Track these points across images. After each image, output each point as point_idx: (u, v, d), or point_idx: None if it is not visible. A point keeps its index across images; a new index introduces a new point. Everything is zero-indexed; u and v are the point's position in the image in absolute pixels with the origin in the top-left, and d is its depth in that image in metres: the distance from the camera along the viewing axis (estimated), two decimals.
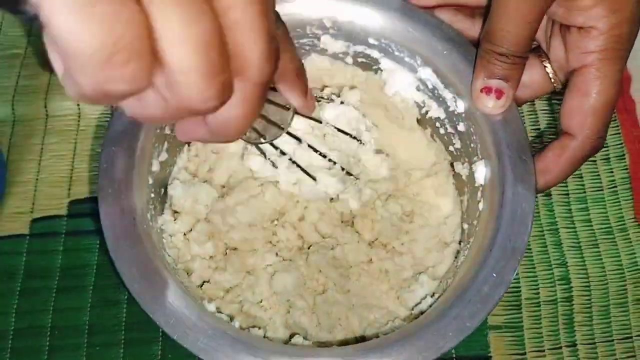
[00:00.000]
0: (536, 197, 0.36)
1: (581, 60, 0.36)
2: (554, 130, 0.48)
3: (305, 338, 0.38)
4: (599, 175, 0.47)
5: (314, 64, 0.43)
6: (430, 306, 0.37)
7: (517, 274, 0.43)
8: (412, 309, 0.40)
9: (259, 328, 0.39)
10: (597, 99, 0.36)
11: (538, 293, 0.43)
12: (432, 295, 0.39)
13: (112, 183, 0.36)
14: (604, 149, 0.48)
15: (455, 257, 0.40)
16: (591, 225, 0.45)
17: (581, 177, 0.47)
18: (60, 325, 0.42)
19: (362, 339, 0.39)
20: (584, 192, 0.46)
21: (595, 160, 0.47)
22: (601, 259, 0.44)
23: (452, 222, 0.42)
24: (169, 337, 0.41)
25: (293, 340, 0.38)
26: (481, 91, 0.38)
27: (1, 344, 0.42)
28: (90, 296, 0.43)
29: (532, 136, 0.48)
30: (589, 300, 0.43)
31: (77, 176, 0.46)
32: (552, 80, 0.39)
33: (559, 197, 0.46)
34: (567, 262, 0.44)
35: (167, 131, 0.40)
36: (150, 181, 0.39)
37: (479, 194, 0.39)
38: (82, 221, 0.45)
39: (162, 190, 0.41)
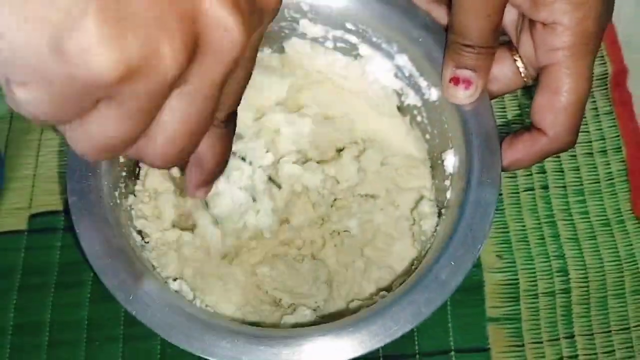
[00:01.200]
0: (500, 191, 0.37)
1: (549, 57, 0.36)
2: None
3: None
4: (596, 167, 0.47)
5: (294, 48, 0.44)
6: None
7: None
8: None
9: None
10: (567, 97, 0.36)
11: (536, 285, 0.43)
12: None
13: (80, 160, 0.36)
14: (600, 141, 0.48)
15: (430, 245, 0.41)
16: (589, 218, 0.45)
17: (578, 170, 0.47)
18: (59, 321, 0.42)
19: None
20: (581, 185, 0.47)
21: (592, 153, 0.48)
22: (599, 251, 0.44)
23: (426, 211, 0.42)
24: None
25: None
26: (450, 81, 0.38)
27: (1, 341, 0.42)
28: (90, 291, 0.43)
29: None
30: (587, 292, 0.43)
31: None
32: (523, 75, 0.39)
33: (556, 190, 0.46)
34: (565, 254, 0.44)
35: None
36: (122, 159, 0.39)
37: (447, 182, 0.39)
38: None
39: (137, 169, 0.41)
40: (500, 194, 0.46)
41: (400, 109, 0.44)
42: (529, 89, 0.38)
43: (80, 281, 0.43)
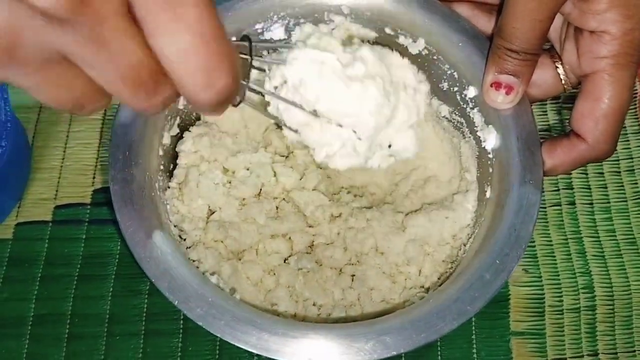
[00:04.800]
0: (542, 191, 0.37)
1: (593, 65, 0.36)
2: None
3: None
4: (623, 186, 0.47)
5: None
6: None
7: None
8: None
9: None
10: (609, 104, 0.36)
11: (561, 300, 0.43)
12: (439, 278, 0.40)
13: (123, 148, 0.37)
14: (628, 160, 0.48)
15: (464, 244, 0.40)
16: (615, 236, 0.45)
17: (605, 188, 0.47)
18: (80, 313, 0.42)
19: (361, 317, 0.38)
20: (608, 203, 0.46)
21: (619, 172, 0.47)
22: (625, 269, 0.44)
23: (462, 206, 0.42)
24: (190, 329, 0.41)
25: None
26: (491, 85, 0.38)
27: (20, 330, 0.41)
28: (112, 285, 0.43)
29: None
30: (612, 309, 0.43)
31: (102, 165, 0.46)
32: (563, 81, 0.39)
33: (583, 207, 0.46)
34: (590, 271, 0.44)
35: (180, 106, 0.41)
36: (161, 152, 0.39)
37: (487, 182, 0.40)
38: (105, 210, 0.45)
39: (171, 165, 0.42)
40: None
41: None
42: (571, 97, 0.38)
43: (103, 275, 0.43)
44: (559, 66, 0.39)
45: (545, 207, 0.46)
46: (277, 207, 0.42)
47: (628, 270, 0.44)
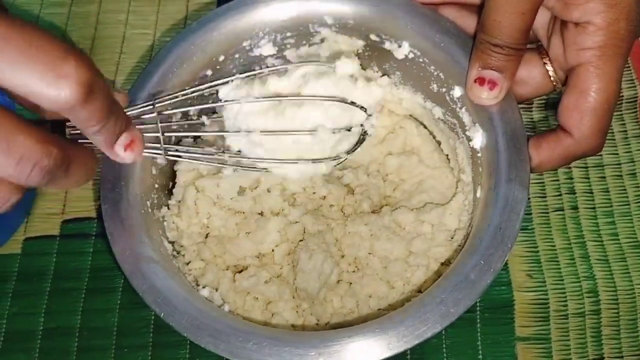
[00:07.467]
0: (529, 186, 0.36)
1: (579, 57, 0.35)
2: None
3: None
4: (625, 189, 0.47)
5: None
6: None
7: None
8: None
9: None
10: (595, 97, 0.35)
11: (566, 305, 0.43)
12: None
13: (114, 168, 0.37)
14: (629, 164, 0.48)
15: (459, 246, 0.40)
16: (618, 239, 0.45)
17: (608, 191, 0.47)
18: (89, 327, 0.42)
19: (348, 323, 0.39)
20: (611, 207, 0.46)
21: (621, 175, 0.48)
22: (629, 273, 0.44)
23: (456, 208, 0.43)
24: None
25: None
26: (475, 81, 0.37)
27: (30, 344, 0.42)
28: (119, 298, 0.43)
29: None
30: (617, 313, 0.43)
31: None
32: (552, 79, 0.38)
33: (586, 211, 0.46)
34: (595, 275, 0.44)
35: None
36: (154, 172, 0.40)
37: (478, 182, 0.39)
38: None
39: (171, 184, 0.42)
40: (529, 210, 0.46)
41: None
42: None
43: (110, 287, 0.43)
44: (548, 63, 0.38)
45: (548, 212, 0.46)
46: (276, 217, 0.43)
47: (632, 274, 0.44)
